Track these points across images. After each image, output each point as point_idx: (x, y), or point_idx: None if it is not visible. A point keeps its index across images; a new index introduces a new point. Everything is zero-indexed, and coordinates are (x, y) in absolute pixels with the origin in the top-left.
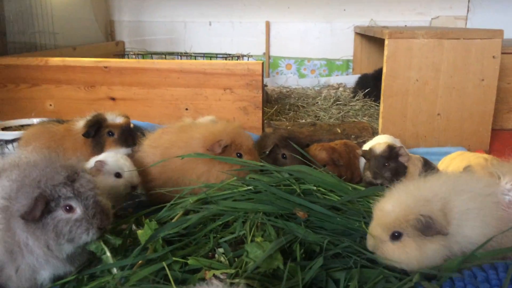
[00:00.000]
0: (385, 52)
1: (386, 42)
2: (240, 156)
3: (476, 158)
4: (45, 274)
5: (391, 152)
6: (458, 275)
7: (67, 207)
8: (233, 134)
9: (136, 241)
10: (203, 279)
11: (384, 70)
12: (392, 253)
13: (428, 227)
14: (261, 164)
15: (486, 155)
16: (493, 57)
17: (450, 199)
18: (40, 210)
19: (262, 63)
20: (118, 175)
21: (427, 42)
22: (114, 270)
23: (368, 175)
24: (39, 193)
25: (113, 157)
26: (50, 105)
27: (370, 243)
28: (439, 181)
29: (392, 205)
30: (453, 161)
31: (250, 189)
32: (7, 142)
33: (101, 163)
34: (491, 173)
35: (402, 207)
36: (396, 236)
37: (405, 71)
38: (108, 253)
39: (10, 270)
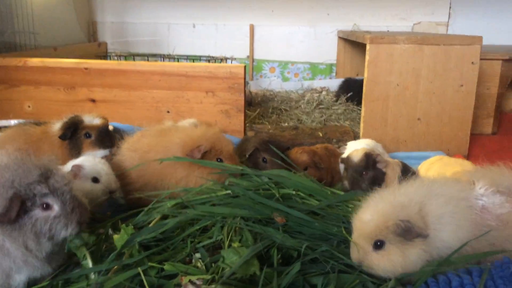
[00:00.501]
0: (367, 57)
1: (368, 47)
2: (220, 161)
3: (453, 168)
4: (19, 279)
5: (368, 160)
6: (431, 275)
7: (44, 205)
8: (213, 139)
9: (112, 246)
10: (178, 285)
11: (365, 75)
12: (378, 263)
13: (408, 231)
14: (241, 168)
15: (464, 162)
16: (472, 63)
17: (426, 203)
18: (15, 211)
19: (245, 66)
20: (95, 179)
21: (408, 48)
22: (92, 276)
23: (346, 184)
24: (13, 193)
25: (91, 161)
26: (29, 106)
27: (354, 256)
28: (414, 186)
29: (370, 214)
30: (432, 166)
31: (229, 193)
32: None
33: (78, 167)
34: (465, 179)
35: (380, 215)
36: (378, 245)
37: (386, 76)
38: (89, 259)
39: None
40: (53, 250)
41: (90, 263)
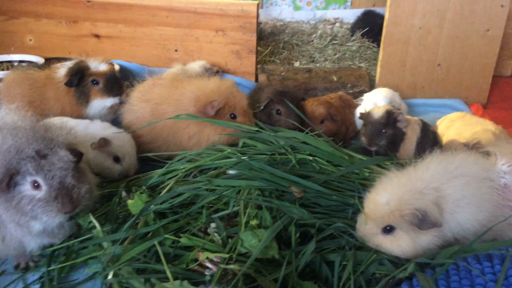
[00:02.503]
0: None
1: None
2: (233, 117)
3: (484, 132)
4: (32, 243)
5: (389, 118)
6: (452, 262)
7: (35, 184)
8: (226, 94)
9: (126, 209)
10: (195, 260)
11: (386, 16)
12: (385, 245)
13: (423, 221)
14: (256, 129)
15: (493, 127)
16: (502, 6)
17: (443, 187)
18: (5, 182)
19: (258, 4)
20: (116, 159)
21: None
22: (105, 244)
23: (363, 140)
24: (4, 165)
25: (120, 140)
26: (30, 40)
27: (360, 234)
28: (431, 168)
29: (386, 198)
30: (453, 123)
31: (244, 160)
32: None
33: (105, 142)
34: (488, 152)
35: (395, 201)
36: (388, 230)
37: (408, 18)
38: (98, 227)
39: None
40: (47, 228)
41: (100, 232)
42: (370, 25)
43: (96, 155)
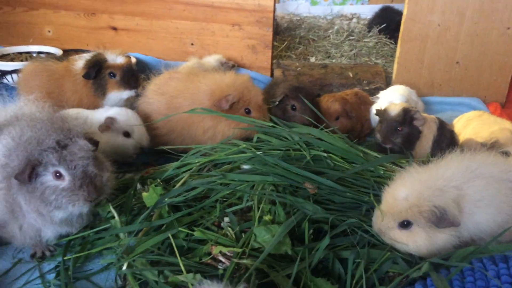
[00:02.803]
0: None
1: None
2: (248, 112)
3: (502, 131)
4: (49, 232)
5: (406, 116)
6: (467, 265)
7: (57, 174)
8: (241, 88)
9: (141, 201)
10: (209, 253)
11: (404, 13)
12: (401, 240)
13: (441, 220)
14: (270, 124)
15: (503, 121)
16: None
17: (463, 186)
18: (27, 174)
19: None
20: (126, 134)
21: None
22: (121, 235)
23: (378, 137)
24: (25, 156)
25: (124, 115)
26: (49, 31)
27: (376, 227)
28: (452, 167)
29: (405, 193)
30: (470, 122)
31: (258, 155)
32: (6, 73)
33: (111, 120)
34: (507, 153)
35: (414, 197)
36: (405, 224)
37: (427, 15)
38: (117, 217)
39: (13, 228)
40: (68, 217)
41: (118, 223)
42: (387, 21)
43: (107, 137)
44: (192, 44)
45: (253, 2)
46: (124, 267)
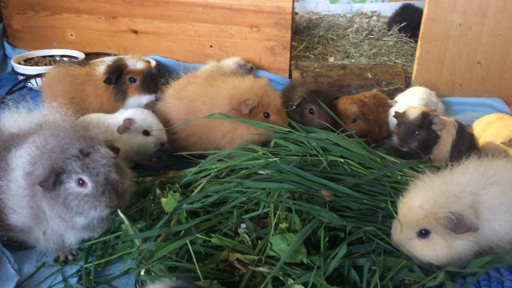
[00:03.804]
0: None
1: None
2: (267, 116)
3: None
4: (71, 237)
5: (424, 120)
6: (483, 273)
7: (80, 181)
8: (260, 93)
9: (160, 205)
10: (225, 260)
11: (424, 12)
12: (420, 250)
13: (459, 225)
14: (288, 129)
15: None
16: None
17: (480, 192)
18: (51, 182)
19: (293, 0)
20: (146, 132)
21: None
22: (137, 242)
23: (395, 140)
24: (50, 164)
25: (141, 114)
26: (71, 35)
27: (396, 238)
28: (467, 173)
29: (420, 202)
30: (490, 125)
31: (276, 161)
32: (30, 77)
33: (129, 121)
34: None
35: (430, 205)
36: (423, 233)
37: (447, 14)
38: (126, 221)
39: (37, 233)
40: (90, 223)
41: (129, 227)
42: (408, 20)
43: (127, 138)
44: (211, 46)
45: (272, 4)
46: (142, 273)
